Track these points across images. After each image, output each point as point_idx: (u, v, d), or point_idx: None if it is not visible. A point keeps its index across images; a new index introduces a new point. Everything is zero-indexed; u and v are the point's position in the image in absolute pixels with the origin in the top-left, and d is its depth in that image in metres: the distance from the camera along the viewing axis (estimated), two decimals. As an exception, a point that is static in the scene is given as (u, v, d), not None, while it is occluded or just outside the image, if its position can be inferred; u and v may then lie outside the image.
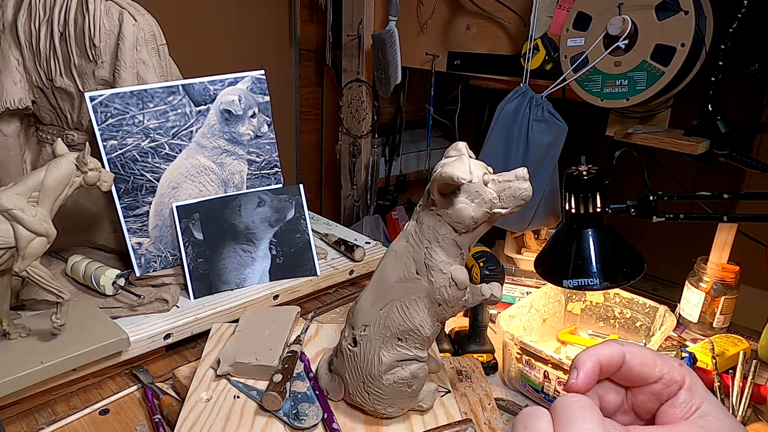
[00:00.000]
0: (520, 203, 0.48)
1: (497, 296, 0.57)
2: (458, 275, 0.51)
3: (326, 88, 1.93)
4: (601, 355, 0.34)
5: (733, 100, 0.99)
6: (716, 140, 0.92)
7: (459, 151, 0.51)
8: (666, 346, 0.86)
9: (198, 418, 0.61)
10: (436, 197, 0.50)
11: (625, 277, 0.76)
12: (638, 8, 0.90)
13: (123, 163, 0.86)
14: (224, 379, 0.68)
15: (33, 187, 0.67)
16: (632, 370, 0.34)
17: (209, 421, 0.60)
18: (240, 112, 0.94)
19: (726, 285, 0.93)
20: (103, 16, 0.84)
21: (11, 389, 0.66)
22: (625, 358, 0.34)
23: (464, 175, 0.46)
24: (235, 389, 0.66)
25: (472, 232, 0.50)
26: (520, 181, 0.48)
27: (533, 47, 1.10)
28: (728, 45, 0.88)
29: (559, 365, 0.73)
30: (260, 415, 0.62)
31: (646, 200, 0.80)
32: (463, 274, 0.51)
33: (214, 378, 0.68)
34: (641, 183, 0.82)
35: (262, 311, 0.80)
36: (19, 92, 0.87)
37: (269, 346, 0.70)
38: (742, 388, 0.76)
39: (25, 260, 0.66)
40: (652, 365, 0.33)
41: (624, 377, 0.34)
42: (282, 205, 0.96)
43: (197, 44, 1.54)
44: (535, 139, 1.03)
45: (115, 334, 0.75)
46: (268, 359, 0.68)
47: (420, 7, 1.42)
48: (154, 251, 0.91)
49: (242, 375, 0.68)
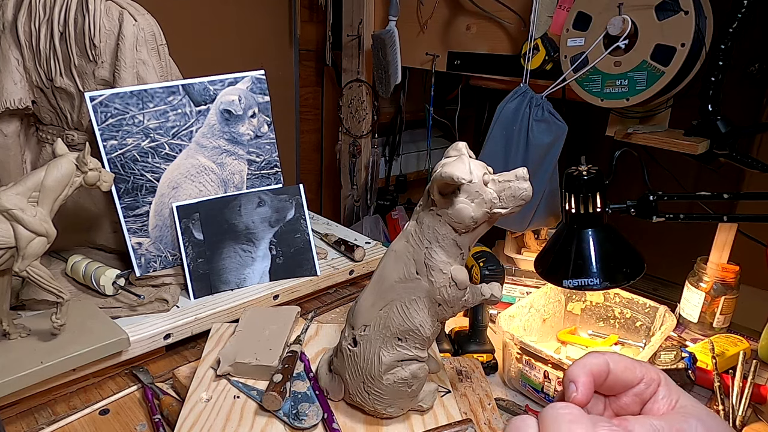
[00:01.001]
0: (520, 203, 0.48)
1: (497, 296, 0.57)
2: (458, 275, 0.51)
3: (326, 88, 1.93)
4: (592, 365, 0.34)
5: (733, 100, 0.99)
6: (716, 140, 0.92)
7: (459, 151, 0.51)
8: (666, 346, 0.86)
9: (198, 418, 0.61)
10: (436, 197, 0.50)
11: (625, 277, 0.76)
12: (638, 8, 0.90)
13: (123, 163, 0.86)
14: (224, 379, 0.68)
15: (33, 187, 0.67)
16: (618, 376, 0.35)
17: (209, 421, 0.60)
18: (240, 112, 0.94)
19: (726, 285, 0.93)
20: (103, 16, 0.84)
21: (11, 389, 0.66)
22: (609, 367, 0.35)
23: (464, 175, 0.46)
24: (235, 389, 0.66)
25: (472, 232, 0.50)
26: (520, 181, 0.48)
27: (533, 47, 1.10)
28: (728, 45, 0.88)
29: (559, 365, 0.73)
30: (260, 415, 0.62)
31: (646, 200, 0.80)
32: (463, 274, 0.51)
33: (214, 378, 0.68)
34: (641, 183, 0.82)
35: (262, 311, 0.80)
36: (19, 92, 0.87)
37: (269, 346, 0.71)
38: (742, 388, 0.76)
39: (25, 260, 0.66)
40: (633, 369, 0.35)
41: (610, 385, 0.35)
42: (282, 205, 0.96)
43: (197, 44, 1.54)
44: (535, 139, 1.03)
45: (115, 334, 0.75)
46: (268, 359, 0.68)
47: (420, 7, 1.42)
48: (154, 251, 0.91)
49: (242, 375, 0.68)
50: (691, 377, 0.79)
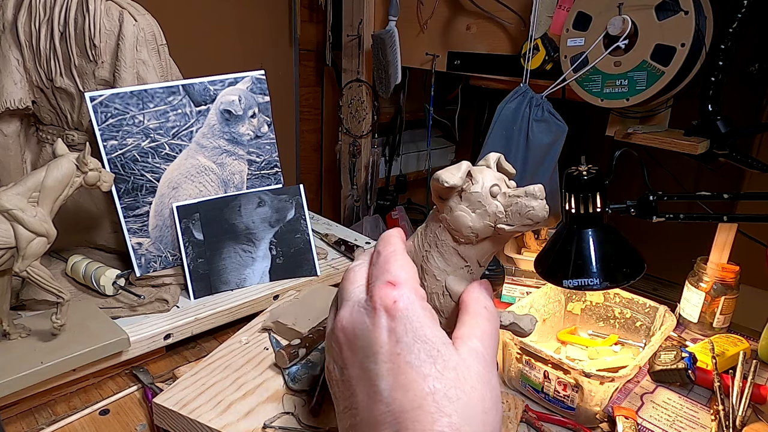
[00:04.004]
0: (527, 222, 0.44)
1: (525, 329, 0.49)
2: (453, 286, 0.48)
3: (326, 88, 1.93)
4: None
5: (733, 100, 0.99)
6: (716, 140, 0.92)
7: (486, 160, 0.49)
8: (666, 346, 0.86)
9: (229, 353, 0.72)
10: (436, 200, 0.49)
11: (625, 277, 0.76)
12: (638, 8, 0.90)
13: (123, 163, 0.86)
14: (267, 332, 0.77)
15: (33, 187, 0.67)
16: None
17: (235, 359, 0.71)
18: (240, 112, 0.94)
19: (726, 285, 0.93)
20: (103, 16, 0.84)
21: (11, 389, 0.66)
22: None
23: (448, 178, 0.44)
24: (269, 342, 0.74)
25: (477, 246, 0.47)
26: (529, 198, 0.43)
27: (533, 47, 1.10)
28: (728, 45, 0.88)
29: (559, 365, 0.73)
30: (272, 369, 0.69)
31: (646, 200, 0.80)
32: (458, 286, 0.48)
33: (260, 329, 0.78)
34: (641, 183, 0.82)
35: (325, 289, 0.89)
36: (19, 92, 0.87)
37: (310, 316, 0.78)
38: (742, 388, 0.76)
39: (26, 260, 0.66)
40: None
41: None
42: (282, 205, 0.96)
43: (197, 44, 1.54)
44: (535, 139, 1.03)
45: (115, 334, 0.75)
46: (302, 327, 0.75)
47: (420, 7, 1.42)
48: (154, 251, 0.91)
49: (279, 334, 0.77)
50: (691, 377, 0.79)
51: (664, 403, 0.78)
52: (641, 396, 0.79)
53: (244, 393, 0.64)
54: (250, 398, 0.63)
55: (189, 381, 0.66)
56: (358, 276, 0.41)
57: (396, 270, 0.39)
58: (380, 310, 0.36)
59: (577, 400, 0.72)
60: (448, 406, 0.33)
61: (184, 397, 0.63)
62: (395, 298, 0.36)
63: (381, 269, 0.39)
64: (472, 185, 0.46)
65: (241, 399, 0.63)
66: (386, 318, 0.36)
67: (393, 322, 0.36)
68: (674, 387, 0.82)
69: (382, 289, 0.37)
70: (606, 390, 0.70)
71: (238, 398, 0.63)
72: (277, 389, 0.65)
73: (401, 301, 0.36)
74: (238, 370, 0.68)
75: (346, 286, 0.41)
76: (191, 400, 0.62)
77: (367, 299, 0.38)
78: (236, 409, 0.61)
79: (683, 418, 0.75)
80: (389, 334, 0.35)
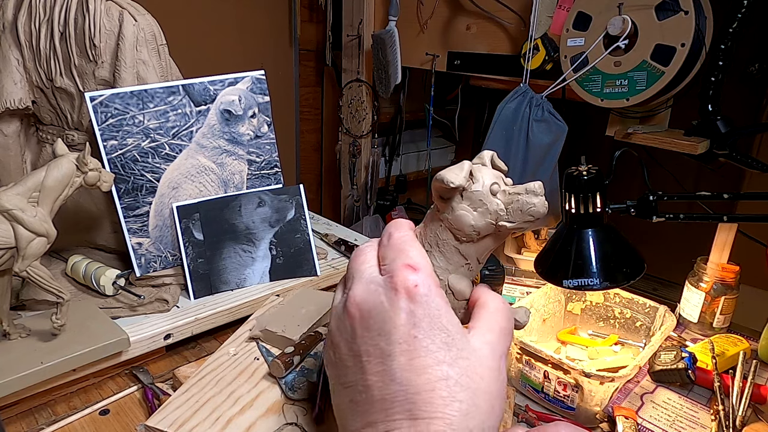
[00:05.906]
0: (528, 219, 0.45)
1: (521, 321, 0.50)
2: (456, 285, 0.48)
3: (326, 88, 1.93)
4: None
5: (733, 100, 0.99)
6: (716, 140, 0.92)
7: (481, 158, 0.49)
8: (666, 346, 0.86)
9: (218, 366, 0.68)
10: (437, 201, 0.49)
11: (625, 277, 0.76)
12: (638, 8, 0.90)
13: (123, 163, 0.86)
14: (255, 341, 0.74)
15: (33, 187, 0.67)
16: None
17: (226, 372, 0.67)
18: (240, 112, 0.94)
19: (726, 285, 0.93)
20: (103, 16, 0.84)
21: (11, 389, 0.66)
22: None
23: (453, 178, 0.44)
24: (258, 352, 0.72)
25: (477, 243, 0.47)
26: (529, 195, 0.45)
27: (533, 47, 1.10)
28: (728, 45, 0.88)
29: (559, 365, 0.73)
30: (266, 380, 0.66)
31: (646, 200, 0.80)
32: (461, 284, 0.48)
33: (247, 338, 0.74)
34: (641, 183, 0.82)
35: (309, 292, 0.85)
36: (19, 92, 0.87)
37: (299, 322, 0.75)
38: (742, 388, 0.76)
39: (26, 260, 0.66)
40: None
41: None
42: (282, 205, 0.96)
43: (197, 44, 1.54)
44: (535, 139, 1.03)
45: (115, 335, 0.75)
46: (292, 333, 0.73)
47: (420, 7, 1.42)
48: (154, 251, 0.91)
49: (269, 342, 0.73)
50: (691, 377, 0.79)
51: (664, 403, 0.78)
52: (641, 396, 0.79)
53: (241, 407, 0.61)
54: (249, 412, 0.60)
55: (181, 399, 0.62)
56: (369, 255, 0.41)
57: (415, 256, 0.39)
58: (401, 292, 0.37)
59: (577, 400, 0.72)
60: (460, 393, 0.34)
61: (179, 416, 0.60)
62: (416, 282, 0.37)
63: (397, 251, 0.40)
64: (473, 184, 0.46)
65: (239, 414, 0.60)
66: (406, 300, 0.36)
67: (413, 305, 0.36)
68: (674, 387, 0.82)
69: (402, 271, 0.37)
70: (606, 390, 0.70)
71: (236, 413, 0.60)
72: (275, 400, 0.63)
73: (422, 286, 0.37)
74: (231, 383, 0.65)
75: (355, 265, 0.41)
76: (187, 419, 0.59)
77: (387, 279, 0.38)
78: (236, 425, 0.58)
79: (683, 418, 0.75)
80: (408, 317, 0.36)
